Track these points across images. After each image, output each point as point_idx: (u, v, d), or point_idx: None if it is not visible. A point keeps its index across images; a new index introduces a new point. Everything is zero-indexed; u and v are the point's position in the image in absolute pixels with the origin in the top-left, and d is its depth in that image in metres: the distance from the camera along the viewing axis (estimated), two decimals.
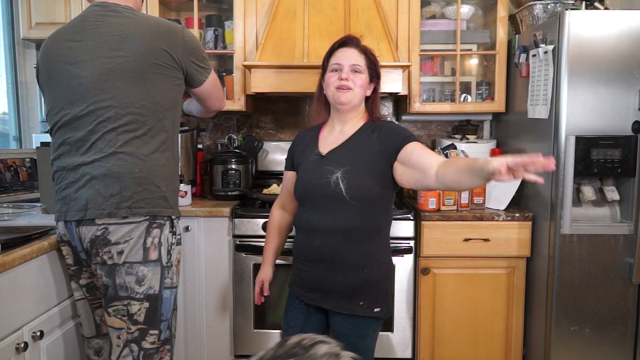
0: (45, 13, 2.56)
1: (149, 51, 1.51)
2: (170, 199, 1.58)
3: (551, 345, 2.17)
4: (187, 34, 1.61)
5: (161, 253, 1.56)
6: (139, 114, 1.51)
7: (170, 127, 1.59)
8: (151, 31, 1.53)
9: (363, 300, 1.58)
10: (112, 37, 1.51)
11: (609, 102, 2.07)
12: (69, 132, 1.54)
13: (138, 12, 1.60)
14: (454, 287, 2.35)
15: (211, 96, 1.76)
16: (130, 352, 1.56)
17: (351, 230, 1.55)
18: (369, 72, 1.64)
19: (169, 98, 1.57)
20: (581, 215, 2.17)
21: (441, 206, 2.37)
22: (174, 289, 1.63)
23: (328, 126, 1.72)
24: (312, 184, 1.60)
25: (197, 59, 1.63)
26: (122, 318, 1.55)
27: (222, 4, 2.77)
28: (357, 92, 1.61)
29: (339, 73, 1.60)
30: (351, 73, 1.60)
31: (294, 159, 1.74)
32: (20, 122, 2.88)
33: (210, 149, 2.97)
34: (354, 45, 1.64)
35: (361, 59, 1.62)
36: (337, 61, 1.62)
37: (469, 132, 2.80)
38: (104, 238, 1.50)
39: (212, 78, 1.71)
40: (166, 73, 1.55)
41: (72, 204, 1.53)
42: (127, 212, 1.50)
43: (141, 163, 1.51)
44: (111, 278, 1.53)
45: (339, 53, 1.63)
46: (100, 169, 1.49)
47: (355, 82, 1.60)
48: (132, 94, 1.50)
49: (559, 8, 2.30)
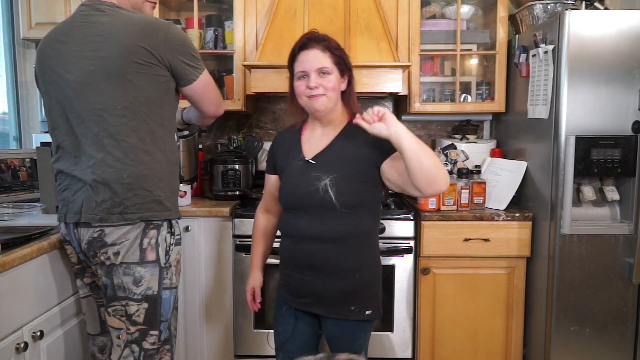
0: (45, 13, 2.56)
1: (128, 50, 1.45)
2: (165, 202, 1.55)
3: (551, 345, 2.17)
4: (171, 30, 1.53)
5: (159, 254, 1.55)
6: (123, 116, 1.47)
7: (157, 128, 1.53)
8: (130, 29, 1.47)
9: (354, 305, 1.55)
10: (94, 37, 1.48)
11: (609, 102, 2.07)
12: (63, 136, 1.55)
13: (123, 9, 1.54)
14: (454, 287, 2.35)
15: (204, 98, 1.67)
16: (131, 352, 1.56)
17: (342, 237, 1.52)
18: (338, 68, 1.53)
19: (155, 97, 1.51)
20: (581, 215, 2.17)
21: (441, 206, 2.37)
22: (174, 290, 1.62)
23: (309, 127, 1.64)
24: (299, 191, 1.54)
25: (184, 56, 1.55)
26: (121, 318, 1.55)
27: (222, 4, 2.77)
28: (331, 96, 1.52)
29: (307, 80, 1.51)
30: (319, 77, 1.50)
31: (277, 163, 1.67)
32: (20, 122, 2.88)
33: (210, 149, 2.97)
34: (315, 44, 1.52)
35: (326, 59, 1.51)
36: (302, 68, 1.52)
37: (469, 132, 2.80)
38: (101, 240, 1.50)
39: (204, 79, 1.62)
40: (147, 71, 1.48)
41: (70, 206, 1.54)
42: (119, 218, 1.49)
43: (129, 168, 1.48)
44: (109, 278, 1.54)
45: (302, 57, 1.53)
46: (91, 175, 1.49)
47: (325, 86, 1.50)
48: (114, 95, 1.46)
49: (559, 8, 2.30)
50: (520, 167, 2.42)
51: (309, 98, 1.52)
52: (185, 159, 2.49)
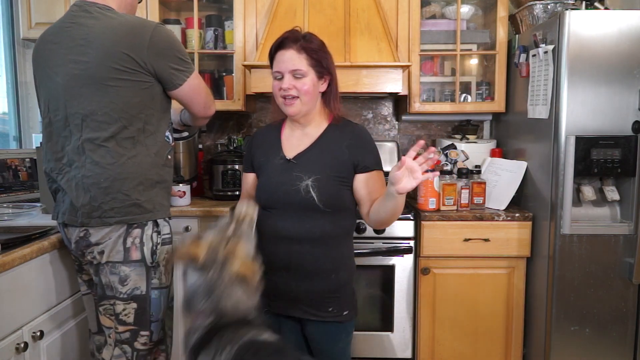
0: (45, 13, 2.55)
1: (109, 56, 1.44)
2: (146, 204, 1.52)
3: (551, 345, 2.17)
4: (156, 33, 1.49)
5: (144, 253, 1.54)
6: (103, 122, 1.47)
7: (139, 133, 1.51)
8: (113, 34, 1.46)
9: (332, 306, 1.53)
10: (80, 41, 1.47)
11: (609, 102, 2.07)
12: (51, 137, 1.55)
13: (109, 11, 1.52)
14: (454, 287, 2.35)
15: (193, 101, 1.63)
16: (123, 353, 1.56)
17: (320, 237, 1.50)
18: (315, 70, 1.49)
19: (136, 103, 1.49)
20: (581, 215, 2.17)
21: (441, 206, 2.37)
22: (164, 289, 1.61)
23: (288, 126, 1.61)
24: (279, 191, 1.51)
25: (170, 60, 1.51)
26: (110, 317, 1.56)
27: (222, 4, 2.77)
28: (305, 99, 1.49)
29: (281, 82, 1.48)
30: (293, 79, 1.47)
31: (254, 161, 1.63)
32: (20, 122, 2.88)
33: (210, 149, 2.97)
34: (291, 44, 1.48)
35: (301, 60, 1.47)
36: (277, 68, 1.49)
37: (469, 132, 2.80)
38: (86, 239, 1.52)
39: (191, 82, 1.57)
40: (128, 78, 1.47)
41: (60, 206, 1.57)
42: (99, 222, 1.49)
43: (106, 172, 1.47)
44: (98, 277, 1.55)
45: (278, 57, 1.49)
46: (73, 179, 1.50)
47: (299, 88, 1.47)
48: (94, 101, 1.46)
49: (559, 8, 2.30)
50: (520, 167, 2.42)
51: (284, 100, 1.50)
52: (185, 159, 2.49)
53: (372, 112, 2.99)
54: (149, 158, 1.54)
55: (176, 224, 2.23)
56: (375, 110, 2.99)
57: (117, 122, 1.47)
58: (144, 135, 1.52)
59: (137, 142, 1.51)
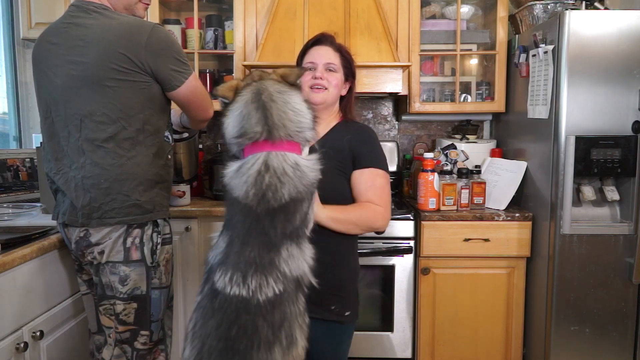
0: (45, 13, 2.55)
1: (106, 56, 1.44)
2: (146, 205, 1.53)
3: (551, 345, 2.17)
4: (154, 34, 1.48)
5: (144, 253, 1.54)
6: (101, 122, 1.47)
7: (138, 133, 1.50)
8: (111, 34, 1.46)
9: (334, 305, 1.53)
10: (78, 41, 1.47)
11: (608, 102, 2.07)
12: (51, 138, 1.56)
13: (107, 12, 1.51)
14: (454, 287, 2.35)
15: (191, 103, 1.62)
16: (123, 352, 1.57)
17: (321, 230, 1.49)
18: (344, 71, 1.59)
19: (134, 103, 1.49)
20: (581, 215, 2.17)
21: (441, 206, 2.37)
22: (164, 289, 1.62)
23: None
24: None
25: (168, 61, 1.51)
26: (110, 317, 1.57)
27: (222, 4, 2.77)
28: (332, 92, 1.56)
29: (313, 72, 1.55)
30: (326, 72, 1.55)
31: None
32: (20, 122, 2.88)
33: (210, 149, 2.97)
34: (328, 43, 1.59)
35: (336, 58, 1.58)
36: (311, 59, 1.57)
37: (469, 132, 2.80)
38: (86, 239, 1.52)
39: (190, 84, 1.56)
40: (126, 78, 1.47)
41: (61, 206, 1.57)
42: (99, 222, 1.49)
43: (106, 173, 1.48)
44: (98, 277, 1.55)
45: (313, 51, 1.59)
46: (72, 180, 1.50)
47: (330, 81, 1.55)
48: (93, 102, 1.46)
49: (559, 8, 2.30)
50: (520, 167, 2.42)
51: (311, 89, 1.55)
52: (186, 159, 2.49)
53: (372, 112, 2.99)
54: (149, 158, 1.54)
55: (176, 224, 2.23)
56: (375, 110, 2.99)
57: (115, 123, 1.47)
58: (143, 136, 1.52)
59: (137, 142, 1.51)
